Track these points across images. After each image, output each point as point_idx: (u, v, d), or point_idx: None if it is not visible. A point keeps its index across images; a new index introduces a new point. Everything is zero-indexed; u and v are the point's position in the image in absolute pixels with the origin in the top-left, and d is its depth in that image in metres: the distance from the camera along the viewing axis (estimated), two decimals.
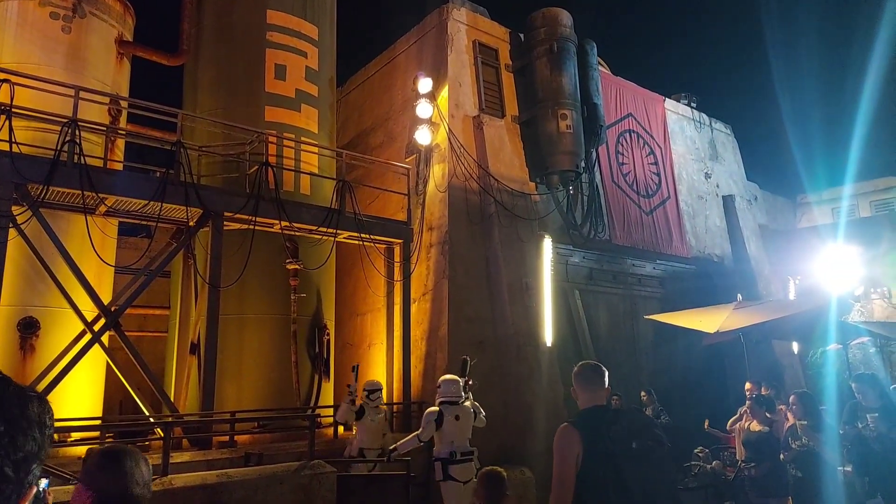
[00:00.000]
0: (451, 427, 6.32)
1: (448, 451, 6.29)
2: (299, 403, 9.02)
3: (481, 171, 10.85)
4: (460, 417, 6.39)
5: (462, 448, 6.33)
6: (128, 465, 1.79)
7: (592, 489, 2.77)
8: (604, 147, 12.93)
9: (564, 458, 2.84)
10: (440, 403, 6.47)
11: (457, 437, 6.33)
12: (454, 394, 6.51)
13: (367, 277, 10.38)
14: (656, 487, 2.81)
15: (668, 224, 13.89)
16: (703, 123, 16.38)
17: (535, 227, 11.10)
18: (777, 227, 18.08)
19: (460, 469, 6.26)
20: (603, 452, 2.79)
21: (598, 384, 3.15)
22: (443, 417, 6.32)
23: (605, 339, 12.78)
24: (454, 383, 6.62)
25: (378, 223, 9.89)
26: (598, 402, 3.10)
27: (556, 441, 2.92)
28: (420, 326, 10.09)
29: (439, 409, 6.42)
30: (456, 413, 6.38)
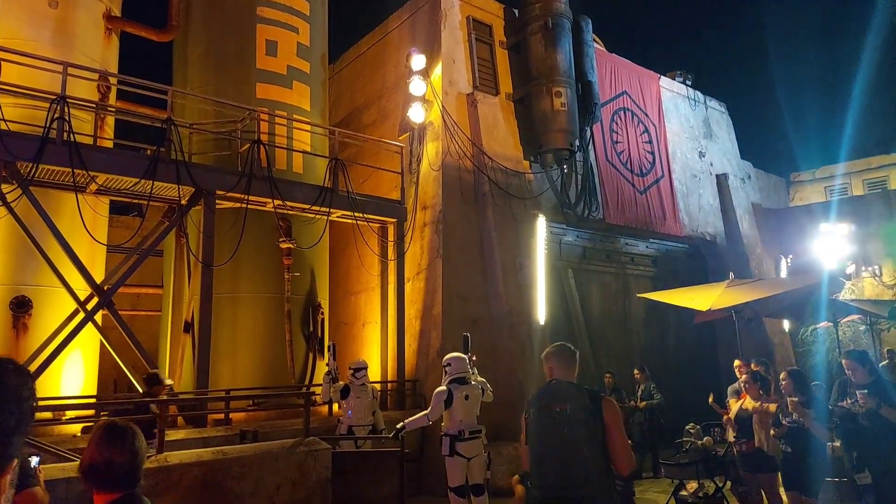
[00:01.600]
0: (460, 405, 6.36)
1: (458, 429, 6.35)
2: (294, 382, 9.05)
3: (475, 150, 10.79)
4: (469, 397, 6.42)
5: (471, 426, 6.39)
6: (136, 440, 1.94)
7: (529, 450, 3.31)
8: (598, 125, 12.86)
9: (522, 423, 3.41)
10: (449, 382, 6.47)
11: (466, 415, 6.38)
12: (463, 371, 6.53)
13: (360, 256, 10.36)
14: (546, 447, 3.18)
15: (661, 203, 13.90)
16: (698, 101, 16.32)
17: (528, 205, 11.08)
18: (770, 205, 18.13)
19: (467, 446, 6.34)
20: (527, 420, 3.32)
21: (565, 362, 3.47)
22: (452, 396, 6.34)
23: (597, 317, 12.84)
24: (462, 361, 6.62)
25: (371, 202, 9.84)
26: (561, 376, 3.41)
27: None
28: (414, 305, 10.10)
29: (448, 389, 6.43)
30: (465, 392, 6.41)
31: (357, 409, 7.38)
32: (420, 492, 8.83)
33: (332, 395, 7.53)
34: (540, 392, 3.37)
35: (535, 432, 3.22)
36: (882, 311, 10.68)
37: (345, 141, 10.52)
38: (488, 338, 9.96)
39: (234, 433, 7.14)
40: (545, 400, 3.26)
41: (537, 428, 3.22)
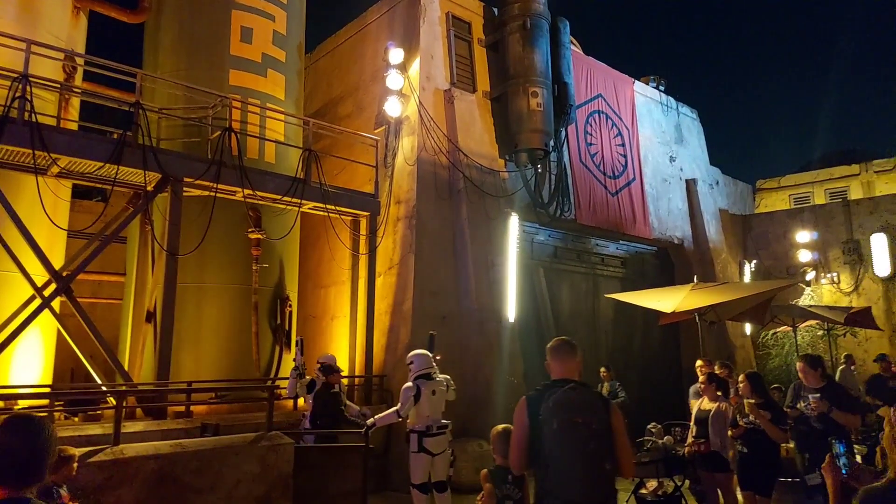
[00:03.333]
0: (427, 401, 6.34)
1: (425, 424, 6.31)
2: (259, 375, 8.85)
3: (451, 146, 10.70)
4: (436, 392, 6.40)
5: (437, 422, 6.35)
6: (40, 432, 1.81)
7: (533, 456, 3.12)
8: (573, 127, 12.87)
9: (516, 425, 3.21)
10: (416, 378, 6.43)
11: (433, 411, 6.34)
12: (427, 367, 6.49)
13: (331, 250, 10.20)
14: (574, 463, 2.99)
15: (632, 205, 13.99)
16: (670, 107, 16.46)
17: (502, 204, 11.04)
18: (736, 211, 18.42)
19: (434, 441, 6.31)
20: (536, 426, 3.10)
21: (565, 358, 3.32)
22: (420, 392, 6.30)
23: (566, 316, 12.89)
24: (426, 357, 6.62)
25: (345, 195, 9.69)
26: (565, 374, 3.27)
27: (515, 410, 3.25)
28: (384, 300, 9.99)
29: (416, 385, 6.40)
30: (433, 388, 6.40)
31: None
32: (384, 488, 8.74)
33: (297, 390, 7.38)
34: (557, 399, 3.08)
35: (560, 446, 3.00)
36: (839, 316, 10.90)
37: (319, 132, 10.32)
38: (457, 334, 9.90)
39: (195, 426, 6.93)
40: (568, 412, 3.03)
41: (561, 443, 3.00)
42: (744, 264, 16.76)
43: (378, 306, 9.91)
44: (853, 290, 16.08)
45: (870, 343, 14.97)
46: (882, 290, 15.83)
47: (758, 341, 15.68)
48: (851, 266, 16.19)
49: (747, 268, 16.59)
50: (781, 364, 14.76)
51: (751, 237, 17.80)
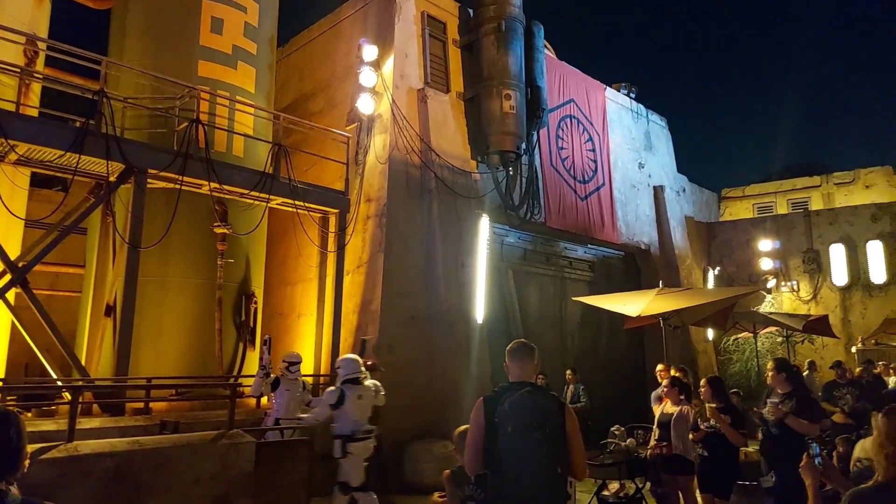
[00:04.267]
0: (353, 406, 6.31)
1: (350, 429, 6.29)
2: (222, 372, 8.71)
3: (423, 146, 10.69)
4: (363, 397, 6.39)
5: (363, 427, 6.33)
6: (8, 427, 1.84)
7: (486, 457, 3.12)
8: (545, 130, 12.98)
9: (472, 425, 3.21)
10: (343, 383, 6.43)
11: (359, 416, 6.33)
12: (356, 371, 6.49)
13: (299, 246, 10.09)
14: (527, 467, 3.01)
15: (601, 210, 14.18)
16: (640, 114, 16.74)
17: (473, 205, 11.07)
18: (702, 218, 18.83)
19: (360, 447, 6.29)
20: (491, 427, 3.10)
21: (523, 360, 3.34)
22: (345, 396, 6.31)
23: (534, 318, 12.99)
24: (354, 362, 6.62)
25: (314, 191, 9.60)
26: (523, 377, 3.29)
27: (473, 410, 3.25)
28: (352, 299, 9.93)
29: (341, 389, 6.41)
30: (359, 393, 6.38)
31: (286, 403, 7.17)
32: None
33: (263, 388, 7.28)
34: (512, 404, 3.06)
35: (513, 451, 3.03)
36: (797, 324, 11.22)
37: (290, 127, 10.20)
38: (426, 335, 9.91)
39: (154, 423, 6.78)
40: (522, 416, 3.05)
41: (515, 447, 3.03)
42: (708, 271, 17.15)
43: (345, 305, 9.84)
44: (812, 298, 16.60)
45: (826, 350, 15.47)
46: (839, 299, 16.37)
47: (719, 346, 16.05)
48: (811, 275, 16.71)
49: (711, 274, 16.98)
50: (742, 369, 15.14)
51: (715, 244, 18.22)
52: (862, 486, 2.36)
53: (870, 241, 16.44)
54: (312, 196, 9.50)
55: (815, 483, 2.91)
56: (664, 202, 16.32)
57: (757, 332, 12.49)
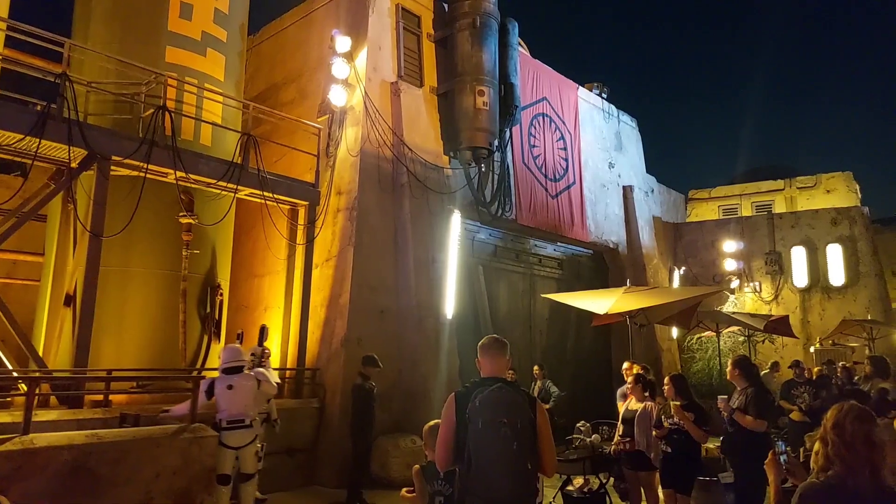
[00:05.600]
0: (223, 395, 6.40)
1: (220, 418, 6.39)
2: (185, 365, 8.58)
3: (395, 139, 10.66)
4: (234, 387, 6.42)
5: (233, 416, 6.37)
6: None
7: (456, 453, 3.13)
8: (517, 128, 13.04)
9: (443, 421, 3.21)
10: (221, 371, 6.56)
11: (229, 405, 6.37)
12: (234, 360, 6.59)
13: (267, 238, 9.98)
14: (497, 463, 3.04)
15: (571, 208, 14.33)
16: (611, 115, 16.96)
17: (445, 200, 11.09)
18: (669, 219, 19.16)
19: (230, 436, 6.33)
20: (462, 423, 3.12)
21: (496, 356, 3.36)
22: (213, 387, 6.44)
23: (503, 314, 13.08)
24: (234, 351, 6.72)
25: (283, 182, 9.51)
26: (495, 372, 3.32)
27: (444, 406, 3.26)
28: (321, 293, 9.87)
29: (212, 379, 6.54)
30: (229, 382, 6.44)
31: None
32: (310, 482, 8.65)
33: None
34: (483, 399, 3.11)
35: (483, 447, 3.05)
36: (759, 323, 11.51)
37: (259, 116, 10.09)
38: (396, 330, 9.90)
39: (114, 416, 6.65)
40: (493, 411, 3.07)
41: (485, 442, 3.05)
42: (673, 270, 17.49)
43: (314, 298, 9.79)
44: (773, 299, 17.07)
45: (786, 350, 15.92)
46: (799, 300, 16.87)
47: (683, 345, 16.39)
48: (773, 276, 17.17)
49: (676, 274, 17.32)
50: (705, 367, 15.48)
51: (681, 244, 18.59)
52: (812, 479, 2.44)
53: (829, 244, 16.98)
54: (282, 187, 9.41)
55: (777, 479, 2.97)
56: (633, 202, 16.57)
57: (720, 331, 12.78)
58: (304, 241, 9.79)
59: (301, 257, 9.79)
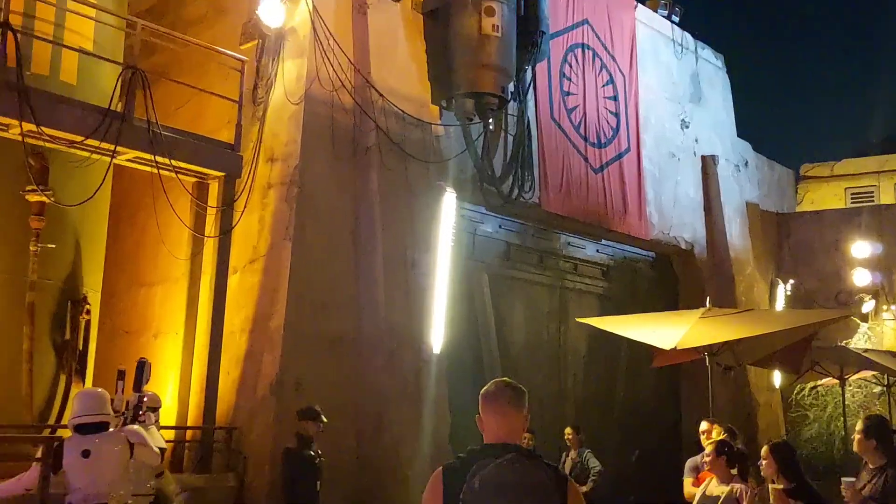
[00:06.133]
0: (76, 467, 6.11)
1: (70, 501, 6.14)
2: (31, 419, 8.55)
3: (359, 80, 10.60)
4: (93, 453, 6.18)
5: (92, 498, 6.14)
6: None
7: None
8: (544, 66, 12.97)
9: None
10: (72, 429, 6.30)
11: (86, 481, 6.14)
12: (93, 412, 6.31)
13: (160, 227, 9.95)
14: None
15: (623, 189, 14.26)
16: (687, 48, 16.91)
17: (433, 172, 11.06)
18: (770, 206, 19.13)
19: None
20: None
21: (507, 411, 3.31)
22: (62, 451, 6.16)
23: (519, 347, 13.03)
24: (92, 398, 6.46)
25: (187, 141, 9.48)
26: (505, 436, 3.26)
27: (427, 486, 3.25)
28: (241, 311, 9.83)
29: (60, 443, 6.30)
30: (86, 447, 6.17)
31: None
32: None
33: None
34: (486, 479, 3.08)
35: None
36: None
37: (152, 41, 10.10)
38: (354, 369, 9.87)
39: None
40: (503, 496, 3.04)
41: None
42: (777, 284, 17.44)
43: (230, 320, 9.74)
44: None
45: None
46: None
47: (790, 398, 16.34)
48: None
49: (781, 289, 17.27)
50: (822, 433, 15.45)
51: (789, 245, 18.54)
52: None
53: None
54: (184, 149, 9.37)
55: None
56: (716, 180, 16.53)
57: (846, 378, 12.72)
58: (217, 232, 9.73)
59: (212, 257, 9.75)
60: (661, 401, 15.10)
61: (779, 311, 15.03)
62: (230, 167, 9.83)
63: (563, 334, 13.80)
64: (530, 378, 12.66)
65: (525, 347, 13.16)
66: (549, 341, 13.65)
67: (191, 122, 10.31)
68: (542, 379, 13.03)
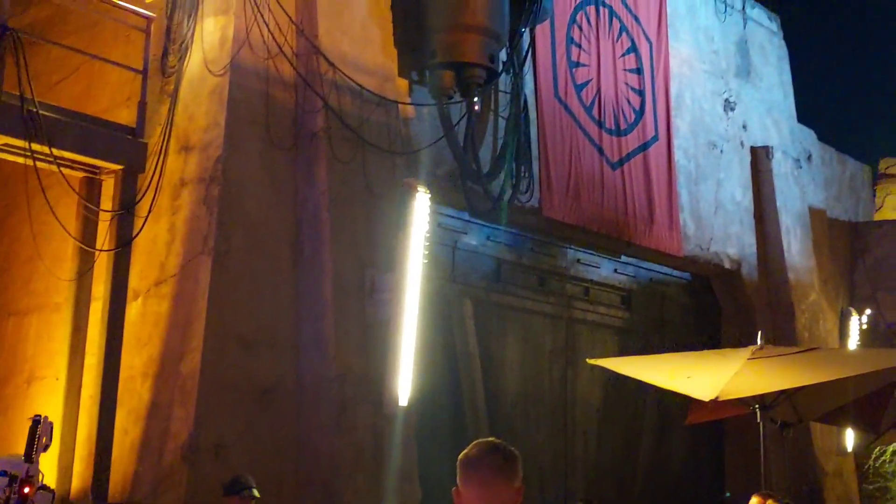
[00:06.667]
0: None
1: None
2: None
3: (303, 44, 10.61)
4: None
5: None
6: None
7: None
8: (546, 28, 13.04)
9: None
10: None
11: None
12: None
13: (35, 237, 9.88)
14: None
15: (649, 190, 14.29)
16: (732, 6, 17.00)
17: (399, 167, 11.08)
18: (841, 213, 19.26)
19: None
20: None
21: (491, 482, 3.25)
22: None
23: (513, 397, 13.06)
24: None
25: (72, 124, 9.37)
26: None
27: None
28: (144, 349, 9.77)
29: None
30: None
31: None
32: None
33: None
34: None
35: None
36: None
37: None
38: (293, 427, 9.86)
39: None
40: None
41: None
42: (849, 315, 17.46)
43: (129, 361, 9.64)
44: None
45: None
46: None
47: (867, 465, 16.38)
48: None
49: (855, 322, 17.29)
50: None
51: (865, 264, 18.63)
52: None
53: None
54: (69, 135, 9.27)
55: None
56: (771, 179, 16.63)
57: None
58: (113, 244, 9.61)
59: (105, 278, 9.65)
60: (698, 468, 15.10)
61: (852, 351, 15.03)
62: (131, 158, 9.74)
63: (571, 380, 13.81)
64: (527, 438, 12.66)
65: (521, 397, 13.16)
66: (552, 389, 13.66)
67: (78, 98, 10.36)
68: (542, 439, 13.03)
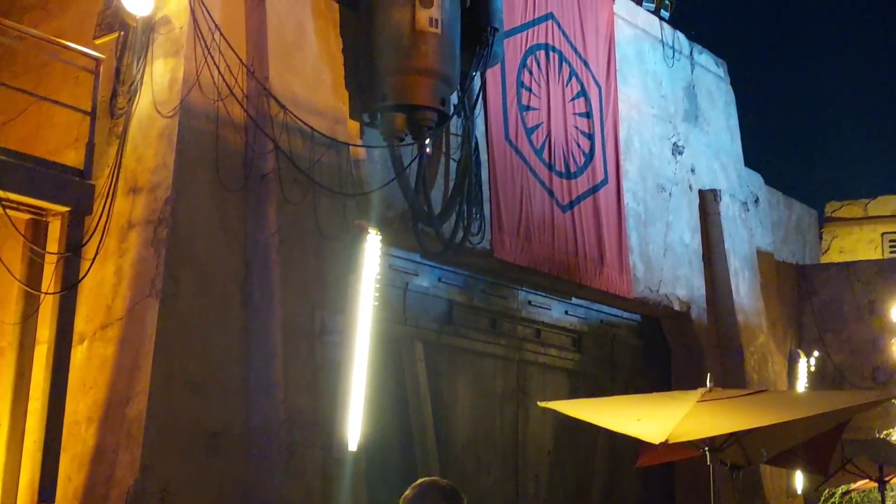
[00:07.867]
0: None
1: None
2: None
3: (254, 86, 10.63)
4: None
5: None
6: None
7: None
8: (497, 72, 13.14)
9: None
10: None
11: None
12: None
13: None
14: None
15: (598, 232, 14.37)
16: (680, 52, 17.22)
17: (350, 210, 11.08)
18: (788, 256, 19.43)
19: None
20: None
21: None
22: None
23: (464, 440, 13.03)
24: None
25: (18, 165, 9.29)
26: None
27: None
28: (89, 393, 9.65)
29: None
30: None
31: None
32: None
33: None
34: None
35: None
36: None
37: None
38: (241, 473, 9.77)
39: None
40: None
41: None
42: (797, 357, 17.59)
43: (74, 405, 9.54)
44: None
45: None
46: None
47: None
48: None
49: (803, 364, 17.42)
50: None
51: (812, 307, 18.79)
52: None
53: None
54: (14, 176, 9.18)
55: None
56: (719, 222, 16.78)
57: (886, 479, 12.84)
58: (59, 287, 9.52)
59: (50, 321, 9.52)
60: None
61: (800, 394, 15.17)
62: (78, 200, 9.66)
63: (523, 423, 13.80)
64: (479, 481, 12.63)
65: (472, 440, 13.14)
66: (503, 432, 13.64)
67: (26, 139, 10.30)
68: (492, 482, 13.02)
